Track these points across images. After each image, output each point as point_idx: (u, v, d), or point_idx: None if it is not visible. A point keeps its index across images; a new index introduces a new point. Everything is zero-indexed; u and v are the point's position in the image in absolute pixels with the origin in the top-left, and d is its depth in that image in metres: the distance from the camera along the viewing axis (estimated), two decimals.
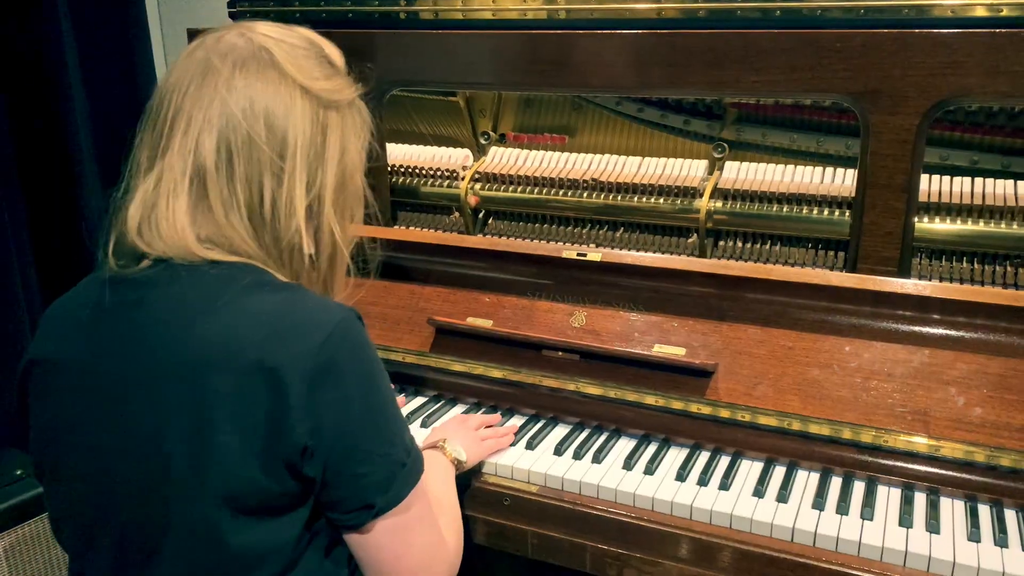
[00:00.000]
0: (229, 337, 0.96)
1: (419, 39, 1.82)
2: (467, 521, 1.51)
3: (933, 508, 1.35)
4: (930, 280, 1.60)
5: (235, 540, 0.98)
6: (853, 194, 1.61)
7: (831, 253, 1.69)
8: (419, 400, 1.76)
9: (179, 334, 0.98)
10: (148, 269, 1.01)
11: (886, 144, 1.47)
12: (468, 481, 1.51)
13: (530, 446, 1.56)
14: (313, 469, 0.98)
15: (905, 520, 1.32)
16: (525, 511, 1.47)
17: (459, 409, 1.72)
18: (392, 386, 1.12)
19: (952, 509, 1.36)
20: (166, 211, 0.99)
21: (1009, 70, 1.36)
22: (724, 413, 1.51)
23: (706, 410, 1.53)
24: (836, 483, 1.44)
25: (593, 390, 1.62)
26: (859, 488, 1.42)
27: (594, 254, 1.68)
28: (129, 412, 0.99)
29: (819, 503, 1.37)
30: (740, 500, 1.39)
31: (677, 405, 1.55)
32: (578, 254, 1.69)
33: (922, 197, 1.59)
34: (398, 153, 2.05)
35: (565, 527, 1.44)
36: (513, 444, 1.57)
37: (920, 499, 1.39)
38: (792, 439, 1.48)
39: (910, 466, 1.42)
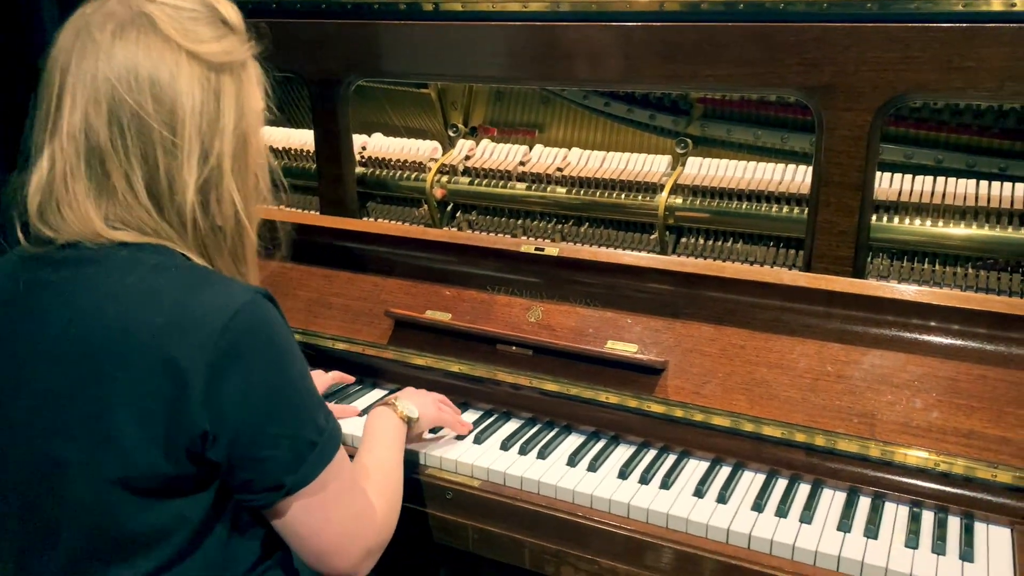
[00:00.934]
0: (130, 323, 0.96)
1: (388, 29, 1.81)
2: (412, 514, 1.51)
3: (875, 513, 1.32)
4: (888, 281, 1.56)
5: (134, 520, 0.99)
6: None
7: (792, 252, 1.66)
8: (377, 393, 1.76)
9: (83, 319, 0.98)
10: (60, 251, 1.01)
11: (840, 140, 1.44)
12: (413, 474, 1.50)
13: (478, 440, 1.55)
14: (216, 453, 0.98)
15: (844, 525, 1.29)
16: (467, 505, 1.47)
17: None
18: (306, 363, 1.09)
19: (895, 515, 1.33)
20: (67, 196, 0.99)
21: (962, 66, 1.32)
22: (671, 411, 1.49)
23: (654, 408, 1.51)
24: (781, 485, 1.41)
25: (545, 385, 1.60)
26: (803, 491, 1.40)
27: (552, 248, 1.67)
28: (33, 392, 1.00)
29: (759, 505, 1.34)
30: (679, 500, 1.37)
31: (625, 402, 1.53)
32: (536, 248, 1.68)
33: (884, 196, 1.56)
34: (368, 144, 2.04)
35: (505, 522, 1.43)
36: (462, 438, 1.56)
37: (864, 504, 1.36)
38: (740, 439, 1.46)
39: (855, 470, 1.39)
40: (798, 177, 1.64)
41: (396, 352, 1.75)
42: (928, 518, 1.32)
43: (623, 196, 1.76)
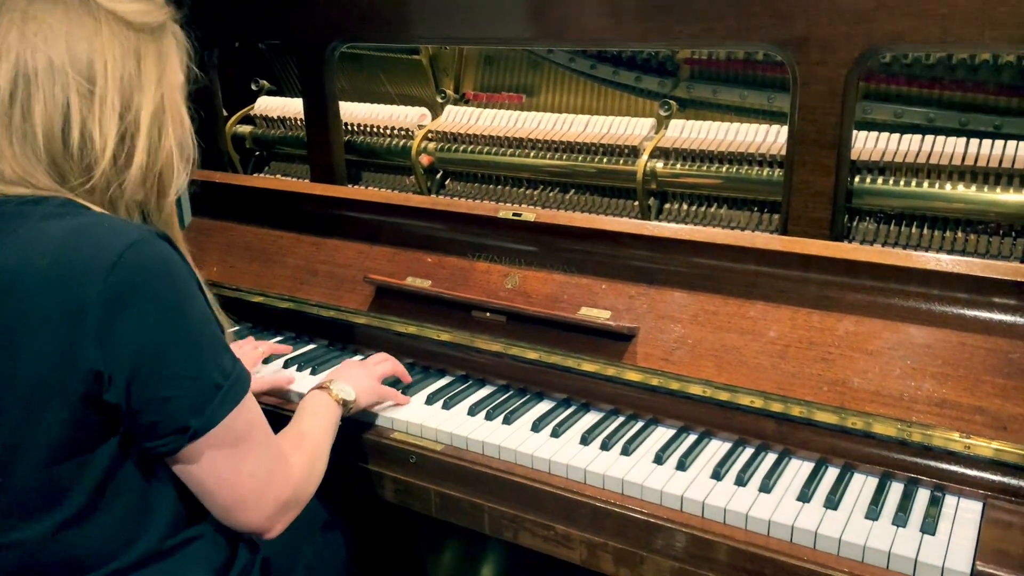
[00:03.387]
0: (21, 265, 0.96)
1: None
2: (376, 478, 1.51)
3: (840, 484, 1.27)
4: (872, 245, 1.49)
5: (34, 475, 0.99)
6: None
7: (776, 217, 1.60)
8: (356, 359, 1.76)
9: None
10: None
11: (814, 96, 1.38)
12: (379, 437, 1.50)
13: (447, 406, 1.54)
14: (115, 395, 0.98)
15: (804, 495, 1.24)
16: (430, 469, 1.46)
17: None
18: (208, 310, 1.06)
19: (862, 486, 1.28)
20: None
21: (938, 12, 1.25)
22: (637, 377, 1.46)
23: (623, 374, 1.48)
24: (746, 454, 1.37)
25: (518, 352, 1.58)
26: (768, 460, 1.35)
27: (529, 214, 1.64)
28: None
29: (718, 473, 1.30)
30: (637, 466, 1.33)
31: (597, 369, 1.50)
32: (513, 214, 1.65)
33: (870, 156, 1.49)
34: (358, 112, 2.04)
35: (465, 487, 1.42)
36: (430, 403, 1.55)
37: (831, 474, 1.31)
38: (708, 407, 1.42)
39: (824, 439, 1.34)
40: (781, 138, 1.58)
41: (377, 319, 1.74)
42: (896, 490, 1.26)
43: (604, 160, 1.72)
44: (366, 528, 1.75)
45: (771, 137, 1.59)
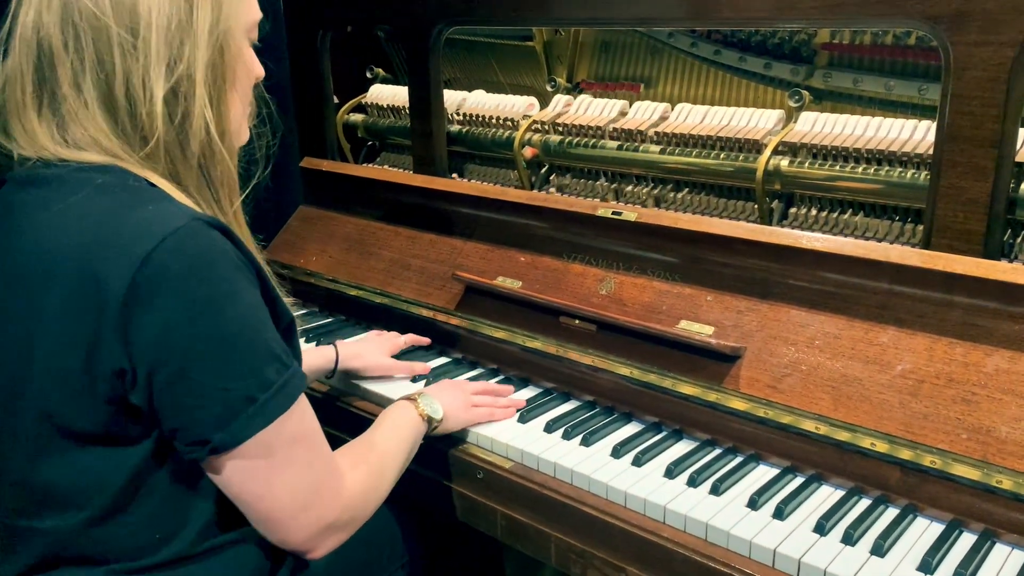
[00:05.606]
0: (58, 244, 0.90)
1: None
2: (442, 492, 1.39)
3: (975, 553, 1.04)
4: None
5: (57, 464, 0.93)
6: None
7: (921, 227, 1.36)
8: (440, 360, 1.65)
9: (22, 242, 0.93)
10: (30, 170, 0.95)
11: (971, 83, 1.14)
12: (448, 448, 1.38)
13: (523, 419, 1.40)
14: (138, 397, 0.90)
15: (927, 565, 1.02)
16: (497, 488, 1.32)
17: (474, 374, 1.59)
18: (263, 308, 0.95)
19: (1004, 561, 1.04)
20: (15, 108, 0.93)
21: None
22: (740, 405, 1.27)
23: (726, 401, 1.29)
24: (860, 506, 1.15)
25: (607, 365, 1.42)
26: (888, 516, 1.13)
27: (630, 213, 1.48)
28: None
29: (822, 526, 1.10)
30: (727, 509, 1.15)
31: (692, 391, 1.32)
32: (613, 212, 1.50)
33: None
34: (464, 101, 1.93)
35: (532, 511, 1.28)
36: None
37: (965, 541, 1.07)
38: (821, 447, 1.21)
39: (960, 497, 1.10)
40: (931, 136, 1.34)
41: (465, 319, 1.63)
42: None
43: (722, 156, 1.53)
44: (441, 546, 1.64)
45: (919, 134, 1.35)
